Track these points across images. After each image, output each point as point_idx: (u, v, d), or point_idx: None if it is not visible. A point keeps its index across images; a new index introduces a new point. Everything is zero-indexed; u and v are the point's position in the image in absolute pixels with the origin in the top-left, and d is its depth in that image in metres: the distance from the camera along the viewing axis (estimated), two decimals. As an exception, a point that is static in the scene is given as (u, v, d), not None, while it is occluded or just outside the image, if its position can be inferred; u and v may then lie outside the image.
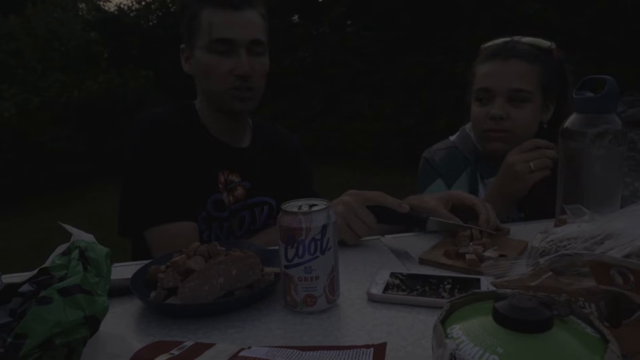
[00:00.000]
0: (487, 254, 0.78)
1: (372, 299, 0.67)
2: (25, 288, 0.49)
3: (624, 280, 0.39)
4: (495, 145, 1.16)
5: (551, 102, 1.18)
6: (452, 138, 1.33)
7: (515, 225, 0.98)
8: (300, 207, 0.63)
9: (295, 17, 9.14)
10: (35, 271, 0.52)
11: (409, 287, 0.68)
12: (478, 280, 0.69)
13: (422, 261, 0.81)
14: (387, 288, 0.68)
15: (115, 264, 0.82)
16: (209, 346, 0.49)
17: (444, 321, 0.40)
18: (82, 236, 0.58)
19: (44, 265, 0.53)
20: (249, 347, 0.50)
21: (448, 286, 0.68)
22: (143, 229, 1.01)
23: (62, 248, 0.56)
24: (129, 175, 1.05)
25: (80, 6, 13.48)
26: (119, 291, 0.70)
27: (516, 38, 1.19)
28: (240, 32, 1.01)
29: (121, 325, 0.63)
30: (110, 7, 12.24)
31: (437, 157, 1.29)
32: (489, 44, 1.21)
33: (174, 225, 0.99)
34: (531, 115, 1.15)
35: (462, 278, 0.70)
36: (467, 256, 0.78)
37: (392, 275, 0.72)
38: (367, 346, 0.49)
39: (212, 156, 1.10)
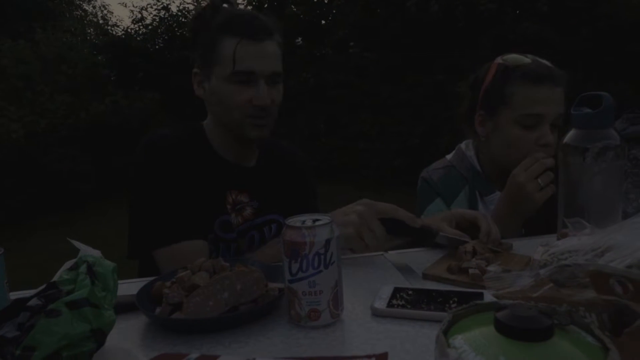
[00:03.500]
0: (490, 268, 0.78)
1: (376, 314, 0.67)
2: (33, 302, 0.50)
3: (623, 289, 0.40)
4: None
5: None
6: (448, 157, 1.34)
7: (518, 240, 0.99)
8: (304, 222, 0.64)
9: (299, 39, 9.30)
10: (43, 286, 0.53)
11: (412, 301, 0.68)
12: (481, 294, 0.69)
13: (426, 276, 0.82)
14: (390, 302, 0.68)
15: (121, 281, 0.82)
16: (213, 358, 0.49)
17: (446, 332, 0.40)
18: (89, 252, 0.59)
19: (52, 280, 0.54)
20: (254, 359, 0.50)
21: (451, 300, 0.68)
22: (151, 249, 1.00)
23: (69, 263, 0.57)
24: (136, 196, 1.05)
25: (89, 31, 13.81)
26: (124, 307, 0.70)
27: (531, 57, 1.17)
28: (261, 65, 1.02)
29: (127, 341, 0.64)
30: (118, 31, 12.51)
31: (435, 176, 1.29)
32: (519, 61, 1.16)
33: (184, 244, 0.98)
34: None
35: (465, 292, 0.71)
36: (470, 271, 0.78)
37: (396, 290, 0.72)
38: (369, 356, 0.49)
39: (220, 176, 1.10)
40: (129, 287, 0.78)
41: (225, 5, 1.10)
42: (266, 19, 1.07)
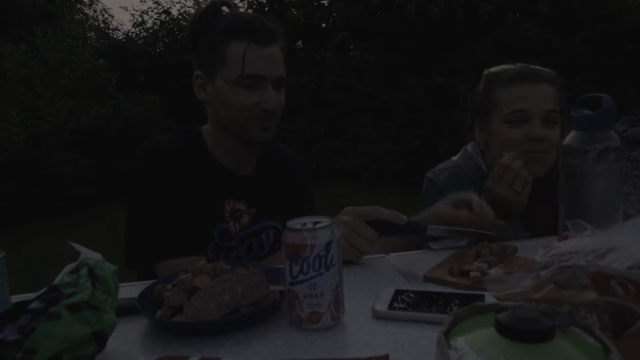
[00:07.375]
0: (492, 271, 0.78)
1: (377, 316, 0.67)
2: (34, 305, 0.50)
3: (624, 291, 0.40)
4: (536, 168, 1.13)
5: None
6: (454, 158, 1.34)
7: (520, 242, 0.99)
8: (304, 224, 0.64)
9: (300, 42, 9.32)
10: (44, 289, 0.53)
11: (413, 303, 0.68)
12: (482, 296, 0.69)
13: (427, 279, 0.81)
14: (392, 305, 0.68)
15: (122, 284, 0.82)
16: (214, 361, 0.49)
17: (447, 333, 0.40)
18: (90, 255, 0.59)
19: (53, 283, 0.54)
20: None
21: (453, 303, 0.68)
22: (152, 263, 0.99)
23: (71, 266, 0.57)
24: (135, 206, 1.03)
25: (90, 35, 13.86)
26: (125, 310, 0.70)
27: (520, 64, 1.20)
28: (269, 69, 1.03)
29: (128, 344, 0.64)
30: (119, 35, 12.57)
31: (441, 177, 1.30)
32: (503, 68, 1.21)
33: (184, 260, 0.97)
34: (559, 137, 1.14)
35: (466, 294, 0.70)
36: (472, 274, 0.78)
37: (397, 292, 0.72)
38: (370, 358, 0.49)
39: (218, 185, 1.09)
40: (129, 290, 0.78)
41: (224, 8, 1.10)
42: (271, 23, 1.08)
